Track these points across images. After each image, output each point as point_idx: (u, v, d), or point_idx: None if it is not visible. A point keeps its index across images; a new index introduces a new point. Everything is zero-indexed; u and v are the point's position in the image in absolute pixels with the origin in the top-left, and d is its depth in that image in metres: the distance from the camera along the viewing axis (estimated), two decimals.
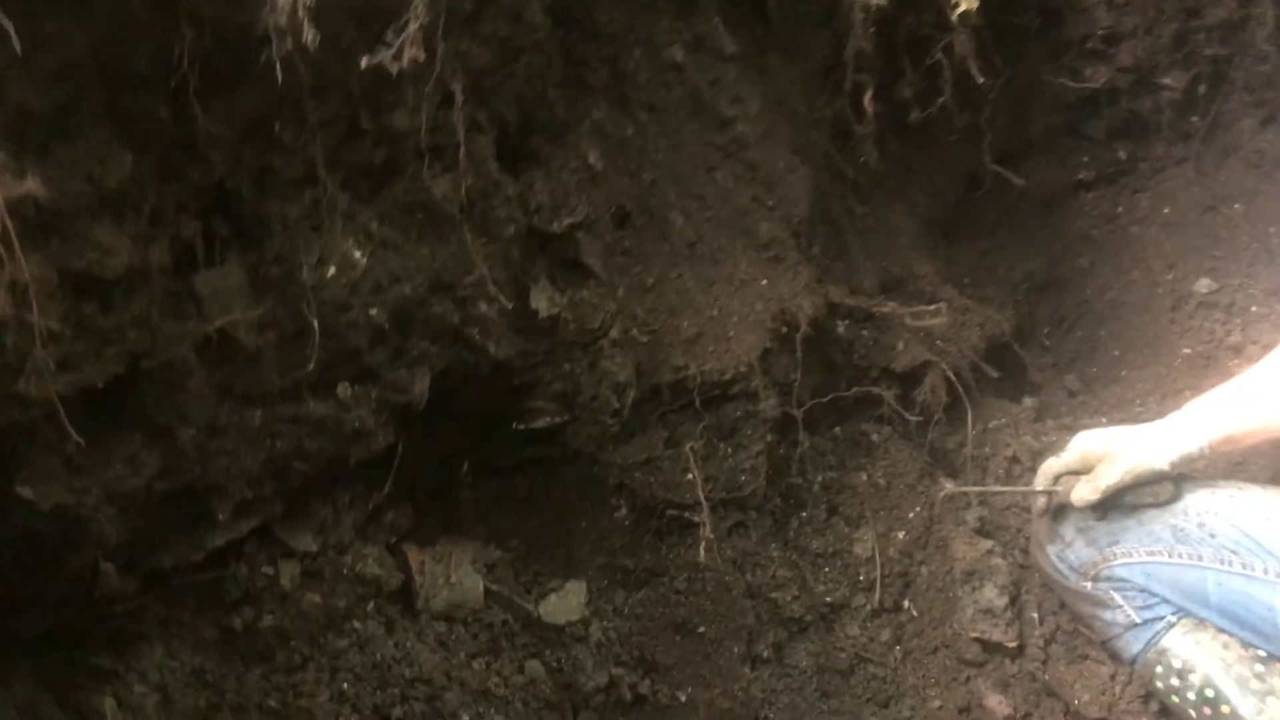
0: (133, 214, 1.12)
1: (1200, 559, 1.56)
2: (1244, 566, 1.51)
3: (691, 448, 1.62)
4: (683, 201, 1.71)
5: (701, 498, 1.59)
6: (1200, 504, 1.59)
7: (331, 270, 1.32)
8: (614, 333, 1.59)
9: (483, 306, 1.49)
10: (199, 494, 1.33)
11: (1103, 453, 1.62)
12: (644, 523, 1.66)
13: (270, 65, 1.05)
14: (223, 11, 1.06)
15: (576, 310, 1.57)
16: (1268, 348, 2.25)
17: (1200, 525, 1.57)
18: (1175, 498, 1.61)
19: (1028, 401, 2.16)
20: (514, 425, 1.62)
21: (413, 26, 1.03)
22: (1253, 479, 1.70)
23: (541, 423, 1.61)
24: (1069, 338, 2.45)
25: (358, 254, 1.34)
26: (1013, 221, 2.48)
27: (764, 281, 1.70)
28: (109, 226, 1.09)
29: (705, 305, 1.65)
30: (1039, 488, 1.67)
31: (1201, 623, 1.57)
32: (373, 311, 1.36)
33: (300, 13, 0.94)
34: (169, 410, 1.25)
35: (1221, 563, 1.54)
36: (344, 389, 1.39)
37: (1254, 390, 1.55)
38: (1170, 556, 1.58)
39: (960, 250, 2.39)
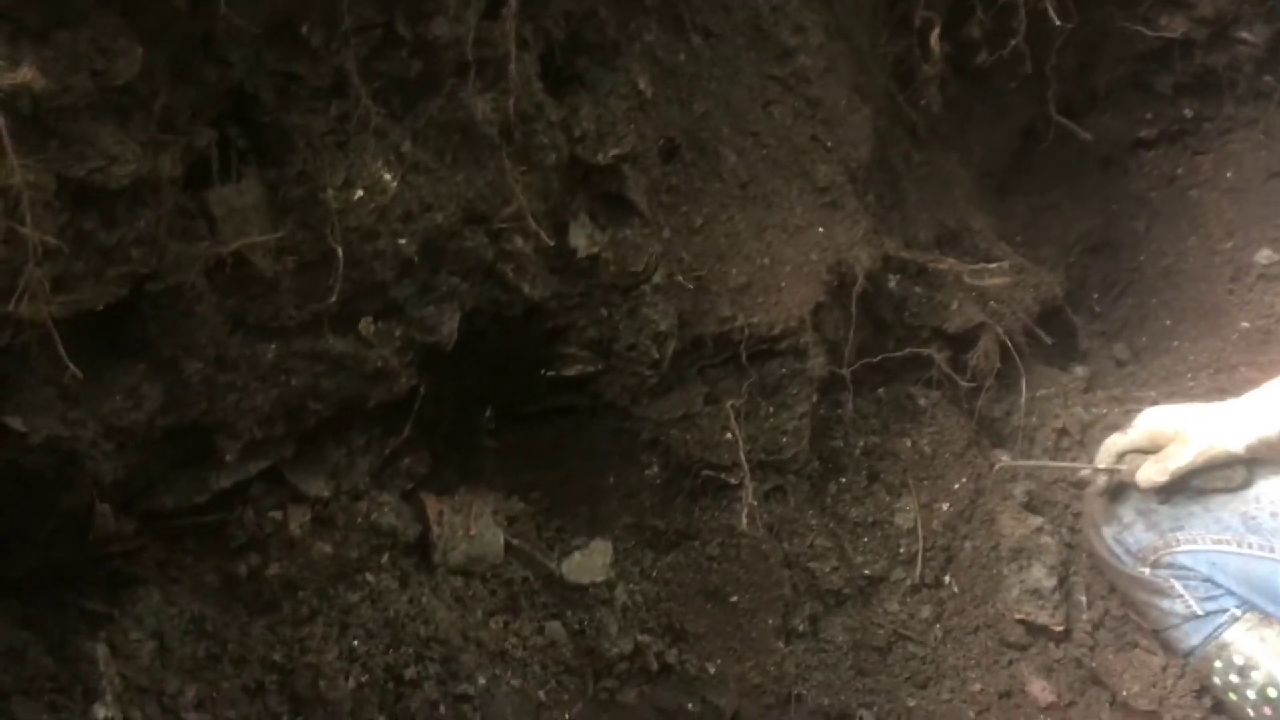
0: (141, 116, 0.99)
1: (1273, 550, 1.47)
2: None
3: (733, 405, 1.51)
4: (736, 137, 1.58)
5: (742, 459, 1.48)
6: (1275, 492, 1.49)
7: (359, 193, 1.20)
8: (657, 277, 1.47)
9: (519, 241, 1.37)
10: (205, 431, 1.22)
11: (1173, 432, 1.52)
12: (677, 482, 1.55)
13: None
14: None
15: (618, 250, 1.45)
16: None
17: (1274, 515, 1.47)
18: (1248, 483, 1.51)
19: (1078, 370, 2.05)
20: (543, 371, 1.50)
21: None
22: None
23: (573, 370, 1.49)
24: (1120, 304, 2.33)
25: (387, 176, 1.22)
26: (1069, 178, 2.35)
27: (820, 229, 1.58)
28: (114, 129, 0.96)
29: (756, 252, 1.53)
30: (1102, 465, 1.57)
31: (1267, 618, 1.48)
32: (401, 241, 1.24)
33: None
34: (175, 339, 1.13)
35: None
36: (366, 325, 1.28)
37: None
38: (1240, 546, 1.48)
39: (1014, 206, 2.26)
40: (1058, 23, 1.84)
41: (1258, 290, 2.25)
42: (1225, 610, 1.50)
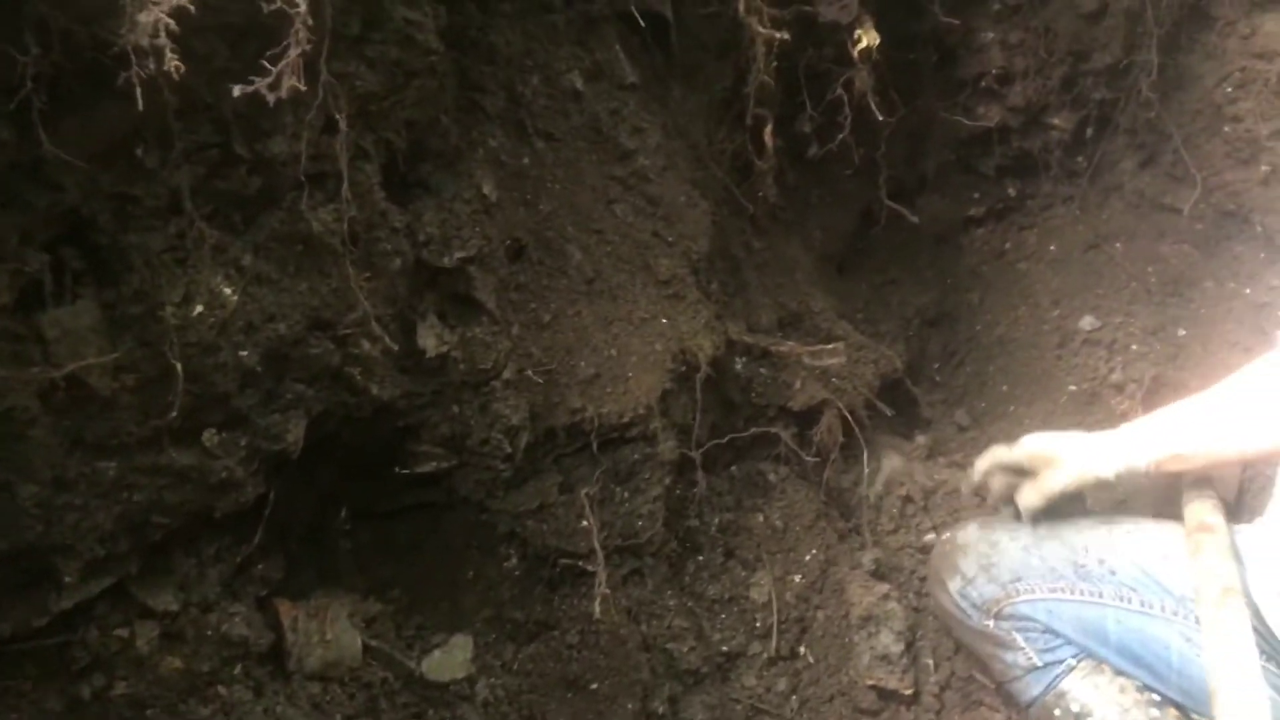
0: None
1: (1101, 595, 1.56)
2: (1142, 604, 1.51)
3: (587, 493, 1.55)
4: (581, 235, 1.65)
5: (597, 546, 1.52)
6: (1100, 540, 1.58)
7: (198, 308, 1.21)
8: (507, 373, 1.51)
9: (365, 345, 1.39)
10: (42, 554, 1.20)
11: (1051, 456, 1.58)
12: (535, 572, 1.58)
13: (130, 87, 0.94)
14: (75, 25, 0.95)
15: (467, 349, 1.49)
16: (1149, 385, 2.32)
17: (1101, 562, 1.57)
18: (1114, 513, 1.61)
19: (920, 439, 2.16)
20: (397, 469, 1.52)
21: (293, 53, 0.93)
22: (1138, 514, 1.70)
23: (428, 467, 1.52)
24: (959, 373, 2.47)
25: (227, 290, 1.23)
26: (905, 257, 2.49)
27: (664, 320, 1.64)
28: None
29: (603, 344, 1.59)
30: (979, 471, 1.65)
31: (1099, 665, 1.57)
32: (243, 353, 1.26)
33: (163, 35, 0.84)
34: (8, 464, 1.12)
35: (1121, 600, 1.54)
36: (210, 436, 1.28)
37: (1208, 412, 1.52)
38: (1072, 594, 1.57)
39: (855, 285, 2.39)
40: (880, 117, 1.98)
41: (1082, 355, 2.41)
42: (1062, 661, 1.58)
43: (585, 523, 1.54)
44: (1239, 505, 1.68)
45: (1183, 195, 2.41)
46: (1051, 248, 2.59)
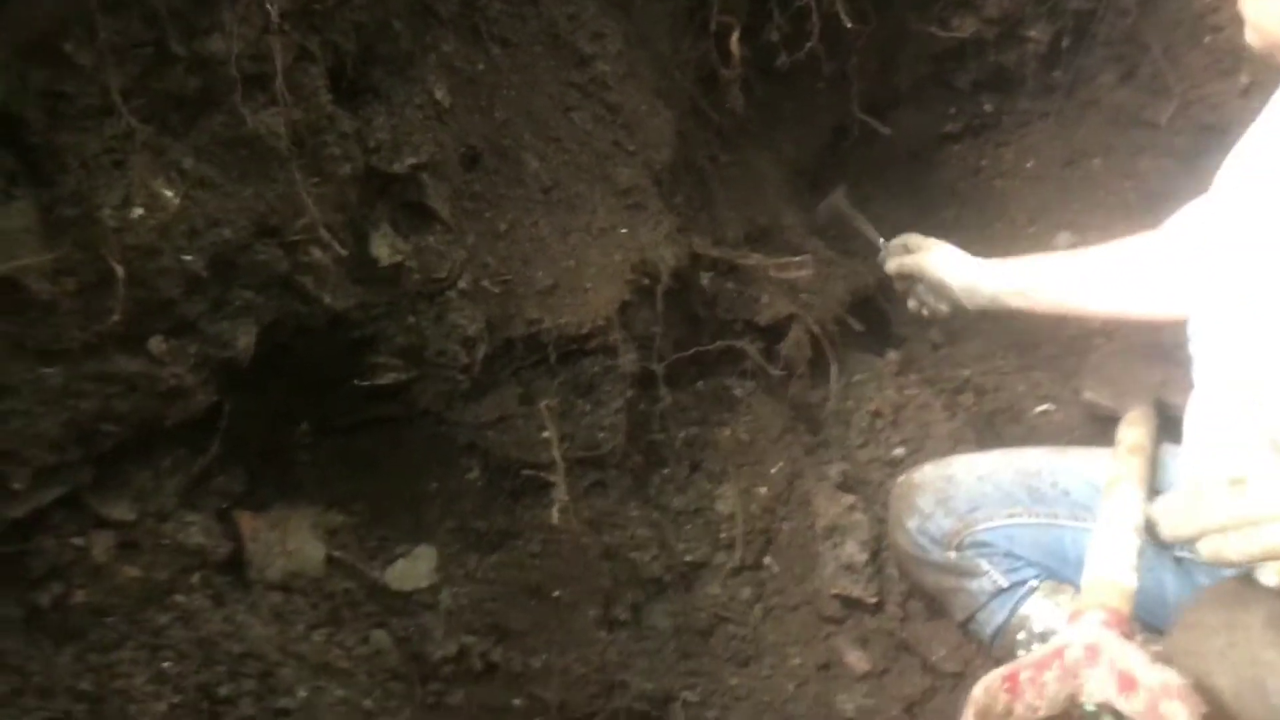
0: None
1: (1056, 517, 1.57)
2: (1095, 519, 1.52)
3: (547, 405, 1.54)
4: (538, 143, 1.62)
5: (557, 457, 1.51)
6: (1053, 464, 1.60)
7: (138, 211, 1.19)
8: (463, 283, 1.49)
9: (315, 253, 1.37)
10: None
11: (925, 244, 1.85)
12: (497, 484, 1.58)
13: None
14: None
15: (421, 258, 1.47)
16: None
17: (1054, 484, 1.58)
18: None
19: (891, 355, 2.15)
20: (355, 382, 1.51)
21: None
22: None
23: (385, 379, 1.51)
24: None
25: (168, 193, 1.21)
26: (879, 173, 2.47)
27: (624, 230, 1.62)
28: None
29: (561, 255, 1.57)
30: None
31: (1060, 585, 1.58)
32: (187, 258, 1.24)
33: None
34: None
35: (1075, 519, 1.55)
36: (156, 343, 1.26)
37: (1068, 265, 1.67)
38: (1029, 517, 1.58)
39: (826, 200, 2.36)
40: (849, 25, 1.94)
41: None
42: (1024, 582, 1.59)
43: (545, 434, 1.54)
44: None
45: (1162, 109, 2.38)
46: (1028, 164, 2.56)
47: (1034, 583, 1.58)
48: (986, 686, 1.09)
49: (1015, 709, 1.09)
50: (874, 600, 1.71)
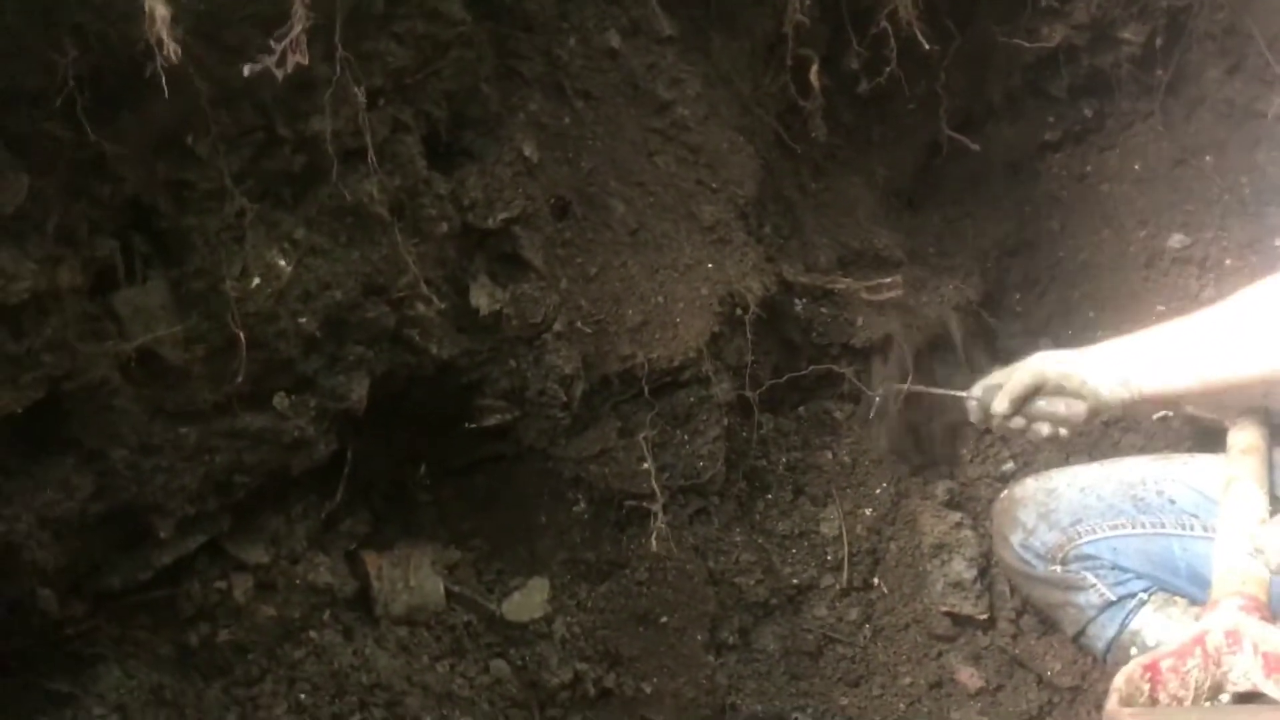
0: (35, 236, 1.11)
1: (1163, 526, 1.54)
2: (1205, 529, 1.48)
3: (645, 437, 1.61)
4: (623, 188, 1.70)
5: (656, 487, 1.57)
6: (1156, 472, 1.58)
7: (256, 280, 1.31)
8: (558, 325, 1.57)
9: (420, 307, 1.48)
10: (138, 513, 1.32)
11: (1015, 367, 1.57)
12: (603, 515, 1.65)
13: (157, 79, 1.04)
14: (105, 27, 1.05)
15: (518, 305, 1.56)
16: None
17: (1159, 493, 1.55)
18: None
19: (997, 370, 2.13)
20: (466, 424, 1.61)
21: (295, 30, 1.01)
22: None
23: (492, 420, 1.60)
24: (1042, 301, 2.42)
25: (282, 262, 1.33)
26: (979, 187, 2.45)
27: (710, 265, 1.68)
28: (9, 250, 1.08)
29: (650, 292, 1.64)
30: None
31: (1171, 598, 1.55)
32: (302, 320, 1.35)
33: (164, 28, 0.92)
34: (98, 431, 1.25)
35: (1183, 527, 1.52)
36: (280, 399, 1.38)
37: (1194, 339, 1.48)
38: (1134, 528, 1.56)
39: (926, 219, 2.36)
40: (928, 46, 1.96)
41: (1171, 274, 2.34)
42: (1134, 595, 1.56)
43: (645, 465, 1.60)
44: None
45: (1273, 99, 2.30)
46: (1135, 166, 2.50)
47: (1143, 595, 1.55)
48: (1128, 676, 1.09)
49: (1159, 698, 1.08)
50: (984, 617, 1.71)
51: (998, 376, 1.59)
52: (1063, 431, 1.54)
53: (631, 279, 1.63)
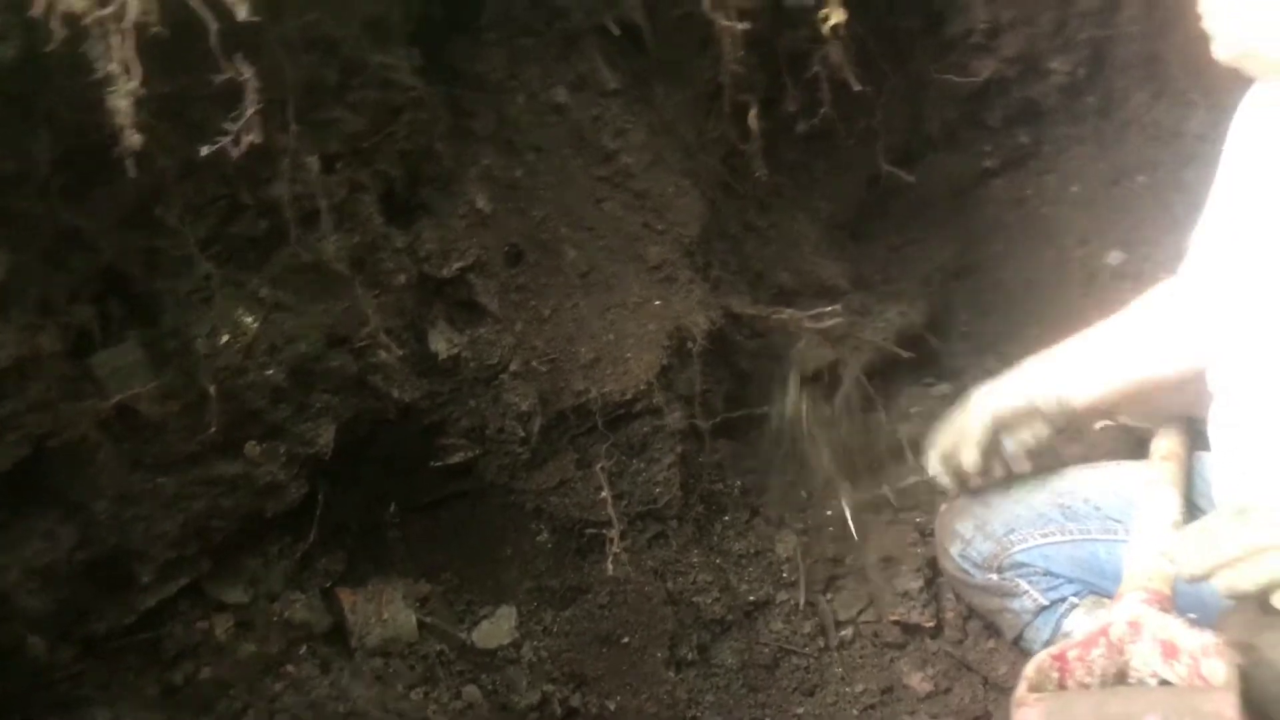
0: (17, 306, 1.20)
1: (1089, 532, 1.63)
2: (1129, 533, 1.56)
3: (601, 467, 1.70)
4: (573, 234, 1.80)
5: (613, 514, 1.67)
6: (1084, 480, 1.66)
7: (225, 338, 1.41)
8: (514, 365, 1.67)
9: (381, 355, 1.57)
10: (121, 560, 1.41)
11: (960, 414, 1.62)
12: (564, 543, 1.74)
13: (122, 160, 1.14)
14: (76, 114, 1.15)
15: (475, 348, 1.66)
16: None
17: (1086, 500, 1.64)
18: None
19: (943, 387, 2.23)
20: (431, 463, 1.70)
21: (249, 113, 1.11)
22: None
23: (456, 458, 1.69)
24: (987, 321, 2.52)
25: (249, 319, 1.43)
26: (923, 215, 2.56)
27: (658, 302, 1.78)
28: None
29: (601, 330, 1.74)
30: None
31: (1101, 600, 1.62)
32: (270, 372, 1.45)
33: (134, 114, 1.02)
34: (80, 484, 1.34)
35: (1108, 532, 1.60)
36: (251, 447, 1.48)
37: (1093, 348, 1.60)
38: (1063, 535, 1.64)
39: (871, 249, 2.47)
40: (859, 87, 2.07)
41: (1110, 290, 2.43)
42: (1065, 599, 1.65)
43: (602, 493, 1.69)
44: None
45: (1199, 121, 2.42)
46: (1073, 189, 2.62)
47: (1074, 599, 1.63)
48: (1038, 665, 1.15)
49: (1067, 685, 1.15)
50: (932, 624, 1.79)
51: (944, 439, 1.63)
52: (1035, 452, 1.61)
53: (583, 319, 1.73)
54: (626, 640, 1.68)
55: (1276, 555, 1.03)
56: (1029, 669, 1.14)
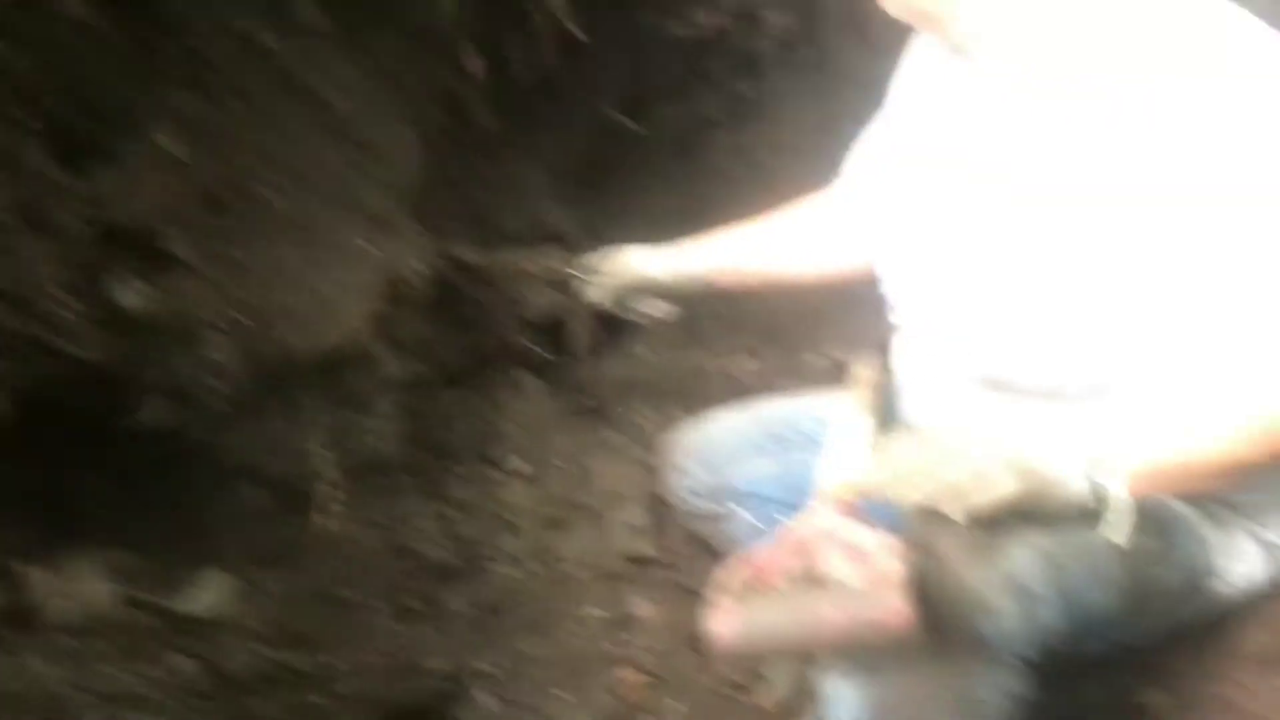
0: None
1: (798, 458, 1.73)
2: None
3: (315, 421, 1.65)
4: (281, 181, 1.72)
5: (328, 468, 1.62)
6: (792, 408, 1.77)
7: None
8: (213, 318, 1.59)
9: (61, 312, 1.46)
10: None
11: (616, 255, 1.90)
12: (278, 502, 1.68)
13: None
14: None
15: (169, 301, 1.56)
16: None
17: (795, 428, 1.73)
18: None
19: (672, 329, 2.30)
20: (125, 426, 1.59)
21: None
22: None
23: (152, 419, 1.59)
24: None
25: None
26: (651, 163, 2.61)
27: (374, 250, 1.74)
28: None
29: (312, 280, 1.67)
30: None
31: None
32: None
33: None
34: None
35: (815, 457, 1.71)
36: None
37: (762, 237, 1.86)
38: (775, 461, 1.73)
39: (601, 196, 2.50)
40: (583, 37, 2.08)
41: None
42: (778, 521, 1.74)
43: (317, 448, 1.64)
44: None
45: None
46: (791, 138, 2.75)
47: (787, 521, 1.73)
48: (732, 569, 1.20)
49: (758, 588, 1.21)
50: (659, 556, 1.86)
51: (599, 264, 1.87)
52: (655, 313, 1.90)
53: (291, 268, 1.66)
54: (349, 596, 1.65)
55: (947, 470, 1.12)
56: (722, 573, 1.20)
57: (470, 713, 1.66)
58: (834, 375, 2.20)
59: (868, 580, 1.16)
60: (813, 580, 1.21)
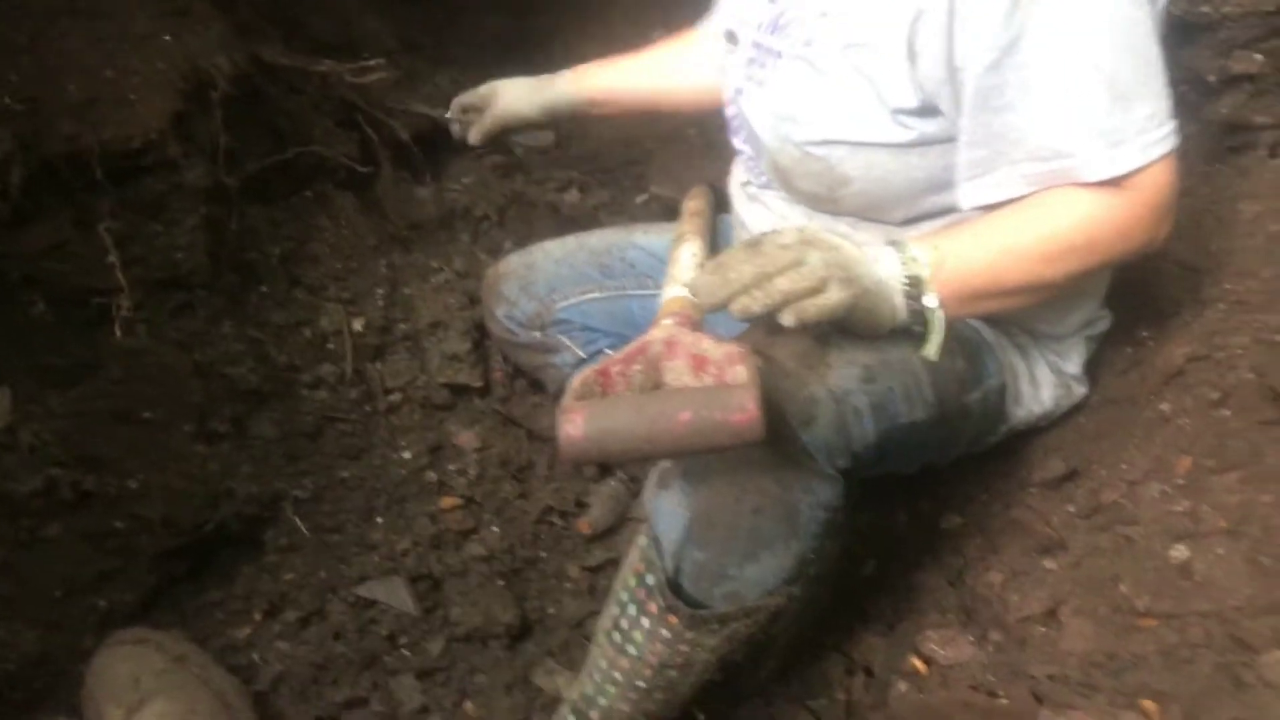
0: None
1: (624, 288, 1.73)
2: (658, 286, 1.67)
3: (107, 228, 1.49)
4: None
5: (122, 280, 1.48)
6: (620, 240, 1.76)
7: None
8: None
9: None
10: None
11: (488, 94, 1.84)
12: (67, 315, 1.52)
13: None
14: None
15: None
16: None
17: (622, 259, 1.73)
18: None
19: (495, 158, 2.21)
20: None
21: None
22: None
23: None
24: None
25: None
26: None
27: (167, 37, 1.56)
28: None
29: (97, 65, 1.48)
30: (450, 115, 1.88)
31: None
32: None
33: None
34: None
35: (642, 288, 1.72)
36: None
37: (636, 66, 1.83)
38: (601, 292, 1.73)
39: (423, 11, 2.35)
40: None
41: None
42: (602, 351, 1.74)
43: (110, 258, 1.49)
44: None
45: None
46: None
47: (609, 352, 1.73)
48: (583, 378, 1.19)
49: (607, 393, 1.21)
50: (480, 385, 1.82)
51: (472, 99, 1.86)
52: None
53: (72, 50, 1.47)
54: (148, 416, 1.53)
55: (780, 279, 1.12)
56: (574, 382, 1.19)
57: (282, 537, 1.60)
58: (659, 212, 2.20)
59: (715, 383, 1.17)
60: (660, 387, 1.21)
